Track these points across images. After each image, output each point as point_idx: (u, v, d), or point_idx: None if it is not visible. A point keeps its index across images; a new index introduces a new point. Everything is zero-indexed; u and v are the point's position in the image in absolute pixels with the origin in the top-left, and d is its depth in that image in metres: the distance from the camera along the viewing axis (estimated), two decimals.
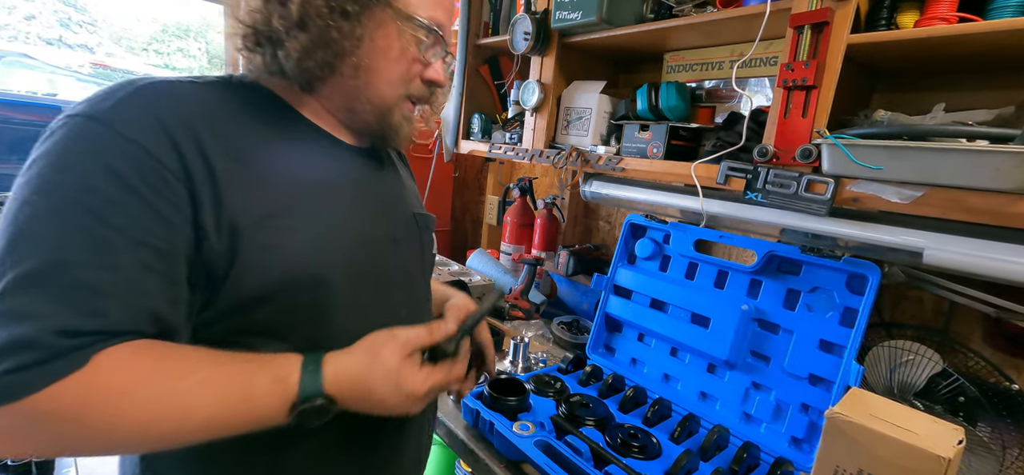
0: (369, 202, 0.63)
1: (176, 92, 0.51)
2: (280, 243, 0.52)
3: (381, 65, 0.58)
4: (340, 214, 0.58)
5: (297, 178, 0.56)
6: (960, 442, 0.53)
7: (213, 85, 0.55)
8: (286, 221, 0.53)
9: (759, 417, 0.93)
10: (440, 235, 2.12)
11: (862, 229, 0.84)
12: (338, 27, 0.53)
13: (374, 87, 0.58)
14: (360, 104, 0.59)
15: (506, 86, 1.50)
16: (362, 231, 0.61)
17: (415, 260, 0.70)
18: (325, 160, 0.60)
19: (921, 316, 1.00)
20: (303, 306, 0.55)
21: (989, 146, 0.66)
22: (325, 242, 0.56)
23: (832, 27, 0.78)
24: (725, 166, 0.92)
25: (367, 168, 0.65)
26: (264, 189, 0.52)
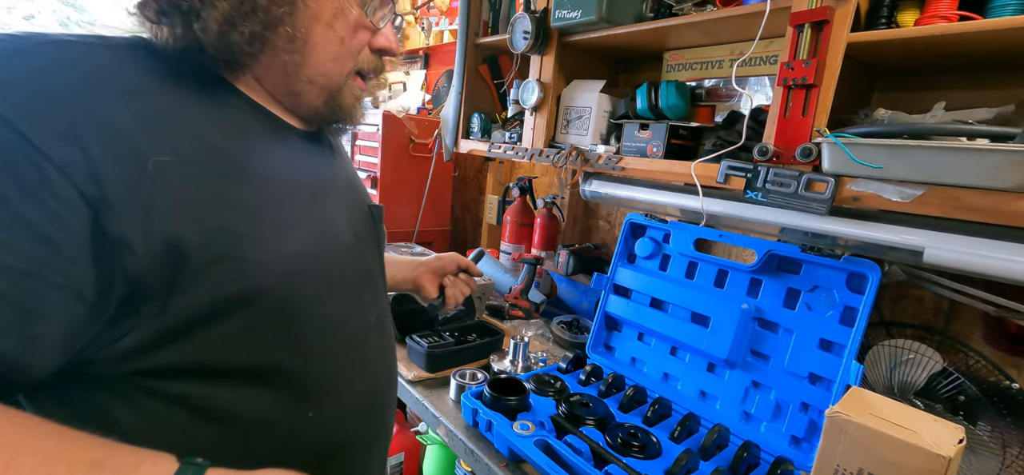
0: (329, 197, 0.57)
1: (80, 59, 0.41)
2: (235, 251, 0.44)
3: (319, 34, 0.49)
4: (302, 213, 0.51)
5: (248, 171, 0.47)
6: (961, 441, 0.53)
7: (127, 50, 0.44)
8: (241, 225, 0.45)
9: (759, 416, 0.93)
10: (440, 235, 2.12)
11: (862, 228, 0.84)
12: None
13: (315, 62, 0.50)
14: (302, 84, 0.51)
15: (506, 85, 1.50)
16: (327, 231, 0.54)
17: (376, 256, 0.66)
18: (277, 148, 0.52)
19: (921, 315, 1.00)
20: (264, 323, 0.47)
21: (989, 145, 0.65)
22: (289, 247, 0.48)
23: (832, 25, 0.78)
24: (725, 165, 0.92)
25: (320, 157, 0.58)
26: (210, 185, 0.44)
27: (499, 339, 1.19)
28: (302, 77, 0.50)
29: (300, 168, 0.54)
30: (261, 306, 0.47)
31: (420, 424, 1.68)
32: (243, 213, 0.46)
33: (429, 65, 2.26)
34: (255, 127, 0.50)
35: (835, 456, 0.58)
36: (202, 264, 0.42)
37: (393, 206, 1.91)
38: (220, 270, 0.44)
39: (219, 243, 0.44)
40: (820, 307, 0.89)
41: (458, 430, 0.92)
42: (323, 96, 0.52)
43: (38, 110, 0.37)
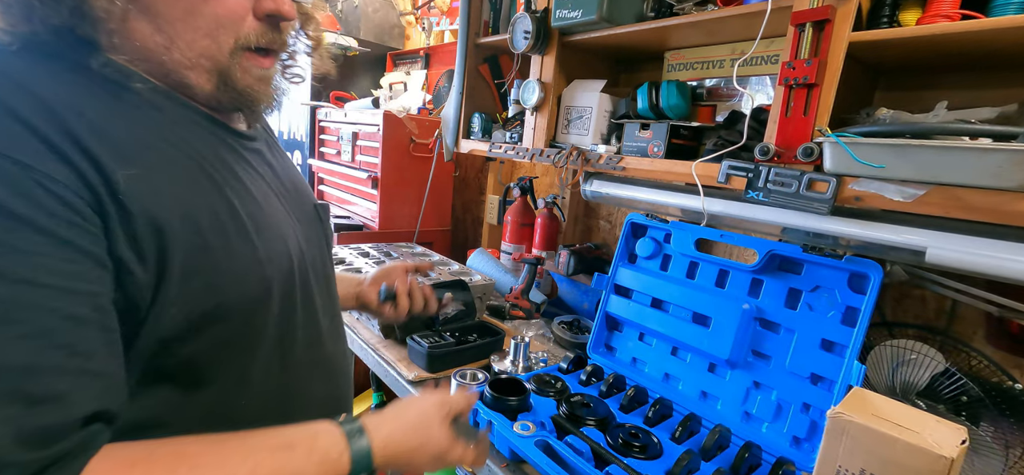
0: (278, 199, 0.54)
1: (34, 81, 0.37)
2: (208, 265, 0.42)
3: (179, 4, 0.42)
4: (263, 221, 0.49)
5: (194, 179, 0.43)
6: (963, 442, 0.53)
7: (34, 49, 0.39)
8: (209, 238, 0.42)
9: (760, 417, 0.92)
10: (441, 235, 2.12)
11: (864, 228, 0.84)
12: None
13: (184, 41, 0.43)
14: (182, 71, 0.44)
15: (506, 85, 1.50)
16: (284, 237, 0.51)
17: (326, 257, 0.63)
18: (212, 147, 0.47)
19: (923, 315, 1.00)
20: (235, 336, 0.46)
21: (992, 144, 0.65)
22: (256, 255, 0.46)
23: (834, 25, 0.77)
24: (726, 165, 0.92)
25: (258, 156, 0.54)
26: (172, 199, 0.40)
27: (500, 339, 1.19)
28: (175, 60, 0.44)
29: (250, 172, 0.51)
30: (232, 321, 0.45)
31: None
32: (212, 225, 0.43)
33: (430, 65, 2.26)
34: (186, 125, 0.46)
35: (837, 457, 0.57)
36: (179, 279, 0.40)
37: (394, 206, 1.91)
38: (194, 286, 0.42)
39: (194, 257, 0.41)
40: (822, 307, 0.89)
41: None
42: (213, 79, 0.46)
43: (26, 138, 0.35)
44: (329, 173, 2.14)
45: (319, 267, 0.59)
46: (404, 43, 2.59)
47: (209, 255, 0.42)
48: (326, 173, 2.17)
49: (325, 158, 2.15)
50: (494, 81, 1.59)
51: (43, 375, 0.32)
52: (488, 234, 2.02)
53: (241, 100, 0.48)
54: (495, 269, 1.60)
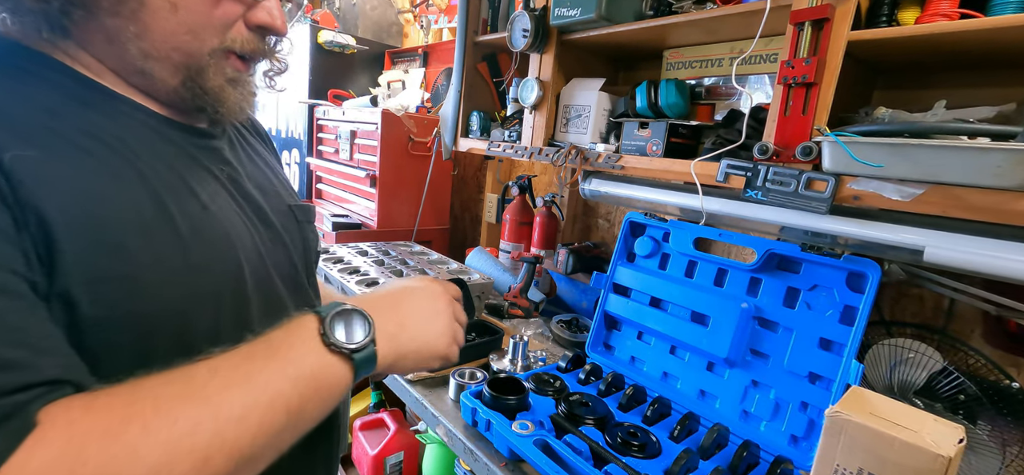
0: (233, 199, 0.50)
1: None
2: (122, 269, 0.38)
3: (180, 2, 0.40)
4: (197, 218, 0.44)
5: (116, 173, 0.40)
6: (961, 441, 0.53)
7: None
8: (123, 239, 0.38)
9: (759, 415, 0.92)
10: (439, 233, 2.11)
11: (862, 227, 0.84)
12: None
13: (160, 33, 0.41)
14: (145, 60, 0.42)
15: (505, 84, 1.50)
16: (230, 238, 0.47)
17: (301, 264, 0.58)
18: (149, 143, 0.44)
19: (921, 314, 1.00)
20: (169, 347, 0.41)
21: (990, 143, 0.65)
22: (188, 260, 0.42)
23: (833, 23, 0.77)
24: (725, 164, 0.92)
25: (211, 155, 0.50)
26: (70, 190, 0.36)
27: (498, 338, 1.19)
28: (151, 52, 0.42)
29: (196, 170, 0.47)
30: (163, 331, 0.41)
31: (419, 423, 1.68)
32: (130, 225, 0.39)
33: (428, 63, 2.26)
34: (117, 119, 0.42)
35: (835, 455, 0.57)
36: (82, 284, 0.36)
37: (392, 205, 1.91)
38: (105, 292, 0.37)
39: (102, 260, 0.37)
40: (820, 306, 0.89)
41: (457, 429, 0.92)
42: (180, 75, 0.44)
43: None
44: (327, 172, 2.14)
45: (288, 270, 0.55)
46: (402, 41, 2.58)
47: (123, 259, 0.38)
48: (324, 172, 2.16)
49: (323, 156, 2.14)
50: (493, 79, 1.59)
51: None
52: (487, 233, 2.01)
53: (206, 99, 0.46)
54: (494, 268, 1.60)
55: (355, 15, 2.41)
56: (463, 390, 0.94)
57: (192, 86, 0.45)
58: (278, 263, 0.54)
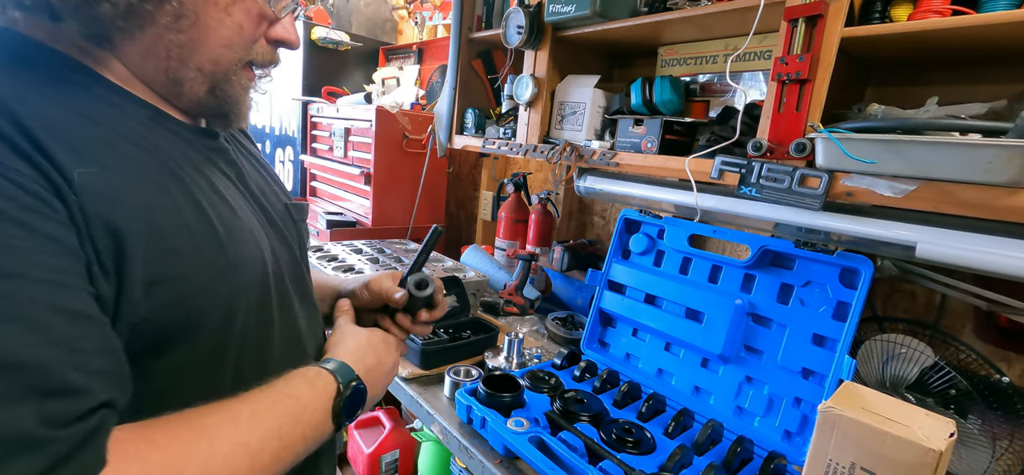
0: (246, 201, 0.53)
1: None
2: (175, 272, 0.40)
3: (213, 16, 0.43)
4: (228, 220, 0.47)
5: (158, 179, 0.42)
6: (952, 435, 0.53)
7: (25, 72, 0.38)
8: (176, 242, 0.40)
9: (752, 411, 0.93)
10: None
11: (855, 223, 0.84)
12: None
13: (206, 46, 0.44)
14: (188, 71, 0.45)
15: (499, 80, 1.49)
16: (255, 239, 0.50)
17: (302, 258, 0.61)
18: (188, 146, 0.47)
19: (913, 310, 1.01)
20: (211, 344, 0.44)
21: (982, 139, 0.66)
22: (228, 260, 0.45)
23: (826, 20, 0.78)
24: (719, 161, 0.92)
25: (223, 156, 0.53)
26: (132, 200, 0.38)
27: (493, 336, 1.19)
28: (191, 63, 0.44)
29: (217, 174, 0.49)
30: (206, 329, 0.44)
31: (415, 421, 1.68)
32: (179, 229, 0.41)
33: (422, 60, 2.25)
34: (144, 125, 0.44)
35: (828, 450, 0.58)
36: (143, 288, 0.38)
37: (387, 202, 1.90)
38: (161, 296, 0.39)
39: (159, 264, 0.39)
40: (813, 302, 0.90)
41: (452, 427, 0.92)
42: (208, 84, 0.47)
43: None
44: (321, 169, 2.13)
45: (293, 268, 0.58)
46: (396, 38, 2.57)
47: (176, 261, 0.41)
48: (318, 169, 2.15)
49: (317, 154, 2.13)
50: (487, 76, 1.59)
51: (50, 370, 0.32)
52: (482, 230, 2.01)
53: (227, 106, 0.49)
54: (489, 265, 1.60)
55: (349, 11, 2.40)
56: (458, 388, 0.94)
57: (218, 94, 0.48)
58: (285, 260, 0.56)
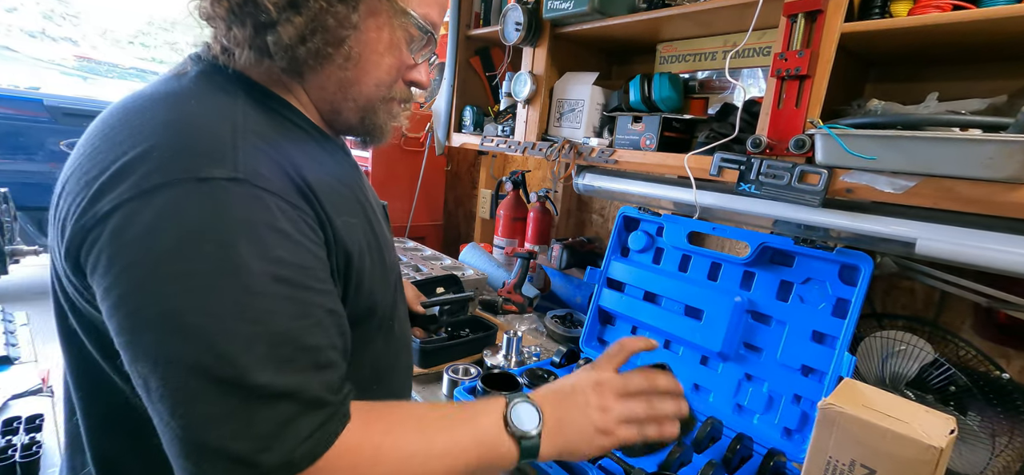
0: (372, 205, 0.62)
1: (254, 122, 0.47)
2: (363, 271, 0.53)
3: (371, 58, 0.54)
4: (375, 227, 0.58)
5: (348, 195, 0.54)
6: (952, 431, 0.53)
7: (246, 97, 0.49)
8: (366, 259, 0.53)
9: (752, 408, 0.93)
10: (433, 229, 2.10)
11: (855, 220, 0.84)
12: (334, 12, 0.48)
13: (362, 83, 0.55)
14: (346, 101, 0.56)
15: (498, 78, 1.49)
16: (391, 243, 0.63)
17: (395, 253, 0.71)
18: (344, 165, 0.58)
19: (912, 306, 1.01)
20: (373, 328, 0.57)
21: (982, 135, 0.65)
22: (383, 261, 0.57)
23: (826, 16, 0.77)
24: (718, 157, 0.91)
25: (353, 165, 0.63)
26: (344, 215, 0.51)
27: (492, 334, 1.18)
28: (350, 95, 0.55)
29: (356, 180, 0.60)
30: (375, 317, 0.56)
31: None
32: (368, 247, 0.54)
33: None
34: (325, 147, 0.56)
35: (827, 448, 0.57)
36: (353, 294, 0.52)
37: (385, 200, 1.89)
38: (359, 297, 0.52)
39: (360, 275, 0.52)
40: (813, 299, 0.89)
41: None
42: (359, 114, 0.58)
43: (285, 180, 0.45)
44: None
45: (396, 265, 0.68)
46: None
47: (367, 271, 0.53)
48: None
49: None
50: (485, 74, 1.58)
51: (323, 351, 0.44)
52: (481, 229, 2.01)
53: (373, 130, 0.60)
54: (488, 264, 1.59)
55: None
56: (457, 386, 0.94)
57: (365, 121, 0.58)
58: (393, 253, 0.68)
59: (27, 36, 6.31)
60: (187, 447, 0.39)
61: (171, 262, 0.39)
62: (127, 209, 0.39)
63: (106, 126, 0.46)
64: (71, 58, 5.53)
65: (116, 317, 0.40)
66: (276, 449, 0.39)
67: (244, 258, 0.40)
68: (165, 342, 0.39)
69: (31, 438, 1.00)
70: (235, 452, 0.38)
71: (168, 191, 0.40)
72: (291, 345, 0.42)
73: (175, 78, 0.50)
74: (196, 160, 0.41)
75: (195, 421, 0.38)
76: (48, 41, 6.53)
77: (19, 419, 1.06)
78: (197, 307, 0.39)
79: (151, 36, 7.93)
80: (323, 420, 0.42)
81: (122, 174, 0.41)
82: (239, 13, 0.47)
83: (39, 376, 1.25)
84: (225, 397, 0.38)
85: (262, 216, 0.42)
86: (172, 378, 0.38)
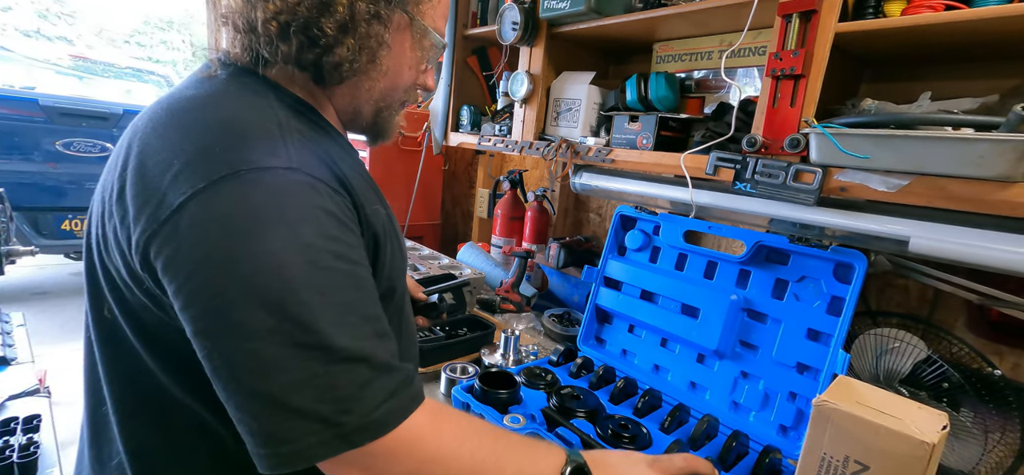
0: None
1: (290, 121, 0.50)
2: (386, 255, 0.56)
3: (399, 71, 0.59)
4: (392, 217, 0.61)
5: (369, 188, 0.57)
6: (944, 427, 0.54)
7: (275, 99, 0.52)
8: (387, 243, 0.56)
9: (748, 406, 0.93)
10: (430, 228, 2.10)
11: (849, 218, 0.84)
12: (375, 32, 0.53)
13: (391, 92, 0.60)
14: (368, 105, 0.60)
15: (495, 77, 1.49)
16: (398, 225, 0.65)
17: None
18: (360, 163, 0.61)
19: (906, 304, 1.01)
20: (396, 308, 0.60)
21: (974, 134, 0.66)
22: (401, 247, 0.61)
23: (820, 15, 0.78)
24: (714, 157, 0.92)
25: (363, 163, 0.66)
26: (369, 209, 0.53)
27: (490, 333, 1.19)
28: (371, 101, 0.60)
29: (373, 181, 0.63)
30: (394, 298, 0.59)
31: None
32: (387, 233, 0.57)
33: None
34: (347, 148, 0.59)
35: (822, 444, 0.58)
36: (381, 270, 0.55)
37: None
38: (382, 279, 0.55)
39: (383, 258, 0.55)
40: (808, 297, 0.90)
41: None
42: (374, 115, 0.62)
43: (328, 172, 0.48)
44: None
45: None
46: None
47: (389, 254, 0.56)
48: None
49: None
50: (483, 73, 1.58)
51: (380, 320, 0.48)
52: (478, 228, 2.01)
53: (385, 130, 0.65)
54: (485, 263, 1.59)
55: None
56: (454, 385, 0.94)
57: (379, 120, 0.63)
58: None
59: (22, 35, 6.27)
60: (272, 415, 0.41)
61: (247, 242, 0.41)
62: (200, 199, 0.42)
63: (157, 125, 0.48)
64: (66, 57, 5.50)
65: (198, 302, 0.42)
66: (356, 411, 0.42)
67: (308, 237, 0.43)
68: (250, 317, 0.41)
69: (28, 438, 1.00)
70: (319, 413, 0.41)
71: (235, 180, 0.42)
72: (356, 314, 0.45)
73: (208, 80, 0.52)
74: (256, 152, 0.44)
75: (281, 388, 0.41)
76: (43, 40, 6.49)
77: (16, 420, 1.06)
78: (275, 283, 0.41)
79: (147, 35, 7.89)
80: (395, 386, 0.45)
81: (188, 169, 0.43)
82: (289, 33, 0.50)
83: (36, 377, 1.25)
84: (308, 361, 0.41)
85: (317, 200, 0.45)
86: (259, 350, 0.41)
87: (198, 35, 7.43)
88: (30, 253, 3.09)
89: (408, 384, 0.46)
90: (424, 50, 0.61)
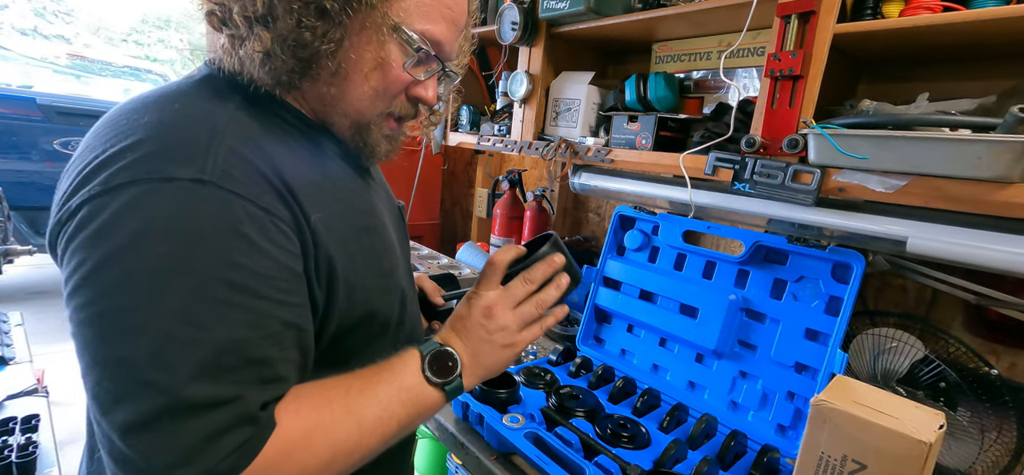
0: (383, 206, 0.63)
1: (240, 125, 0.47)
2: (353, 279, 0.52)
3: (356, 75, 0.52)
4: (376, 233, 0.57)
5: (334, 193, 0.53)
6: (941, 427, 0.54)
7: (241, 101, 0.49)
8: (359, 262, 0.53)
9: (746, 405, 0.94)
10: (430, 228, 2.10)
11: (847, 219, 0.85)
12: (312, 27, 0.47)
13: (349, 99, 0.53)
14: (335, 115, 0.54)
15: (494, 77, 1.49)
16: (396, 252, 0.62)
17: (408, 252, 0.71)
18: (350, 169, 0.58)
19: (904, 304, 1.02)
20: (373, 333, 0.57)
21: (971, 135, 0.66)
22: (383, 271, 0.57)
23: (818, 16, 0.78)
24: (713, 157, 0.92)
25: (370, 176, 0.63)
26: (324, 211, 0.49)
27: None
28: (337, 110, 0.54)
29: (366, 185, 0.60)
30: (373, 323, 0.56)
31: None
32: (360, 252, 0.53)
33: None
34: (330, 148, 0.55)
35: (820, 443, 0.58)
36: (342, 299, 0.51)
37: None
38: (350, 303, 0.52)
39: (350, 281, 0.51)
40: (806, 297, 0.90)
41: (448, 423, 0.92)
42: (351, 129, 0.56)
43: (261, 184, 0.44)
44: None
45: (406, 261, 0.67)
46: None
47: (360, 277, 0.53)
48: None
49: None
50: (482, 73, 1.58)
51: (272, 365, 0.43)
52: (477, 227, 2.01)
53: (364, 148, 0.58)
54: (484, 262, 1.59)
55: None
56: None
57: (358, 137, 0.57)
58: (402, 254, 0.66)
59: (19, 34, 6.25)
60: (113, 451, 0.38)
61: (124, 259, 0.38)
62: (93, 205, 0.40)
63: (102, 124, 0.47)
64: (64, 56, 5.49)
65: (68, 308, 0.40)
66: (196, 463, 0.38)
67: (198, 261, 0.39)
68: (106, 339, 0.38)
69: (27, 438, 1.00)
70: (154, 464, 0.37)
71: (132, 189, 0.40)
72: (236, 354, 0.40)
73: (183, 80, 0.50)
74: (164, 161, 0.41)
75: (123, 424, 0.37)
76: (40, 39, 6.47)
77: (15, 419, 1.06)
78: (142, 306, 0.38)
79: (144, 34, 7.87)
80: (250, 435, 0.41)
81: (96, 171, 0.41)
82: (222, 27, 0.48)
83: (34, 376, 1.25)
84: (155, 403, 0.37)
85: (225, 219, 0.41)
86: (107, 377, 0.38)
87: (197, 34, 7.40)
88: (28, 252, 3.08)
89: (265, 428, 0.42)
90: (399, 53, 0.52)
